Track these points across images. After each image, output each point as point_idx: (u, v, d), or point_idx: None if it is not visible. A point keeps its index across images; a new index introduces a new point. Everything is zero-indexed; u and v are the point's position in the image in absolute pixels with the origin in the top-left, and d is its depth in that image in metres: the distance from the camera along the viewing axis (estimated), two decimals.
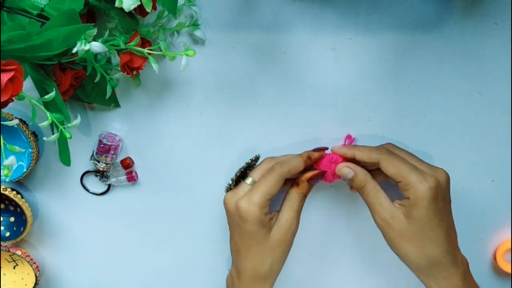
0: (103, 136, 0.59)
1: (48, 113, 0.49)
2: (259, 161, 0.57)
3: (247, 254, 0.53)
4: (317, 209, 0.62)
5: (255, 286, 0.53)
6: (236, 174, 0.56)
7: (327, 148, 0.57)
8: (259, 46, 0.60)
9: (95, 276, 0.64)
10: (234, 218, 0.53)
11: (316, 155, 0.55)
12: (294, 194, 0.54)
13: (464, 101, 0.60)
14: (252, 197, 0.51)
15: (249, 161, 0.56)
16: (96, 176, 0.62)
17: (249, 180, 0.55)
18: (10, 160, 0.47)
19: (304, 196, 0.54)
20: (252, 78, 0.60)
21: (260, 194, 0.51)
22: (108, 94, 0.57)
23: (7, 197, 0.59)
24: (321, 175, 0.55)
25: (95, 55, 0.56)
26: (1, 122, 0.50)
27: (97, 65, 0.55)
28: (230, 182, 0.56)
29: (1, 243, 0.61)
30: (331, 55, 0.60)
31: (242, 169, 0.56)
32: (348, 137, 0.60)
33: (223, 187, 0.57)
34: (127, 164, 0.61)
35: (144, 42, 0.54)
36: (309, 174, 0.54)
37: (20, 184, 0.62)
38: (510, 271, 0.62)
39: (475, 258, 0.63)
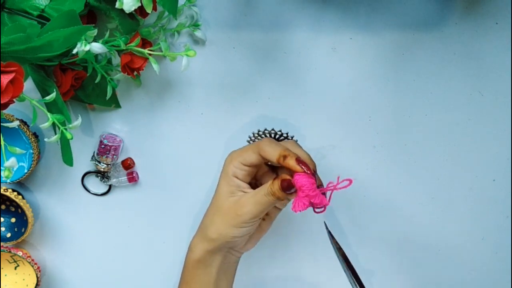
0: (103, 136, 0.60)
1: (49, 114, 0.49)
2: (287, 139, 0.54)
3: (210, 203, 0.53)
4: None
5: (197, 236, 0.53)
6: (259, 132, 0.54)
7: (310, 169, 0.48)
8: (259, 47, 0.60)
9: (96, 277, 0.64)
10: None
11: (291, 161, 0.48)
12: (266, 186, 0.49)
13: (465, 101, 0.61)
14: (233, 152, 0.52)
15: (280, 132, 0.53)
16: (97, 176, 0.62)
17: None
18: (11, 162, 0.47)
19: (273, 195, 0.49)
20: (253, 78, 0.60)
21: (238, 153, 0.52)
22: (109, 94, 0.57)
23: (8, 198, 0.59)
24: (290, 186, 0.48)
25: (96, 55, 0.56)
26: (2, 124, 0.50)
27: (97, 66, 0.55)
28: (252, 137, 0.55)
29: (2, 244, 0.61)
30: (331, 55, 0.60)
31: (267, 133, 0.53)
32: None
33: None
34: (128, 165, 0.61)
35: (145, 43, 0.54)
36: (284, 176, 0.48)
37: (21, 185, 0.62)
38: None
39: (475, 257, 0.63)
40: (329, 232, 0.56)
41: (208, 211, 0.53)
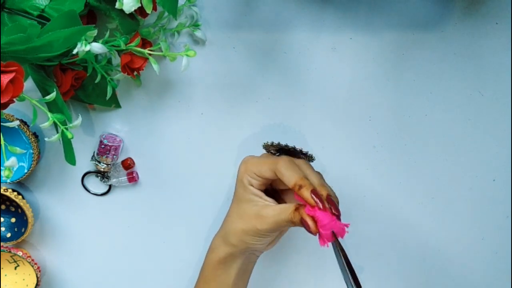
0: (103, 136, 0.60)
1: (49, 114, 0.49)
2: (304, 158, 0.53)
3: (230, 206, 0.54)
4: None
5: (219, 237, 0.54)
6: (280, 144, 0.52)
7: (323, 204, 0.47)
8: (259, 46, 0.60)
9: (96, 277, 0.64)
10: None
11: (305, 193, 0.47)
12: (288, 212, 0.49)
13: (465, 101, 0.61)
14: (248, 160, 0.52)
15: (300, 149, 0.52)
16: (97, 176, 0.62)
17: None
18: (11, 162, 0.47)
19: (293, 222, 0.49)
20: (253, 78, 0.60)
21: (253, 164, 0.51)
22: (109, 94, 0.57)
23: (8, 198, 0.59)
24: (304, 225, 0.48)
25: (96, 56, 0.56)
26: (2, 124, 0.50)
27: (97, 66, 0.55)
28: (269, 143, 0.53)
29: (2, 244, 0.61)
30: (331, 55, 0.60)
31: (286, 147, 0.52)
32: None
33: (223, 187, 0.57)
34: (128, 165, 0.61)
35: (145, 43, 0.54)
36: (304, 213, 0.48)
37: (21, 185, 0.62)
38: None
39: (475, 258, 0.63)
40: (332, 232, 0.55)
41: (230, 215, 0.53)
